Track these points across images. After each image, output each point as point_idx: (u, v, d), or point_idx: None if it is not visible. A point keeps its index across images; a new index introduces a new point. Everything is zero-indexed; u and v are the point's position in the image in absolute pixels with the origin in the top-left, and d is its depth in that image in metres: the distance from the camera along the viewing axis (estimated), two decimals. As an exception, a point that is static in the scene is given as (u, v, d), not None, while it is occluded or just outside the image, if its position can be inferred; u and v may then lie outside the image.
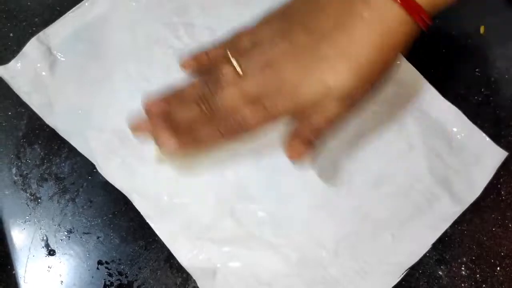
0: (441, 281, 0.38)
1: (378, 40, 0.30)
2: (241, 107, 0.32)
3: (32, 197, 0.39)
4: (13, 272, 0.38)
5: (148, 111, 0.34)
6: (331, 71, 0.31)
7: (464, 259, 0.39)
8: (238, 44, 0.34)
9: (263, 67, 0.32)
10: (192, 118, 0.33)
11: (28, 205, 0.39)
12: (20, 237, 0.38)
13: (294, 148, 0.33)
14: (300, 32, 0.32)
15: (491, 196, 0.40)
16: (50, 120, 0.40)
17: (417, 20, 0.30)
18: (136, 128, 0.35)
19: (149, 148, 0.39)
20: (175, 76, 0.41)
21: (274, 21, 0.34)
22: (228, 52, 0.33)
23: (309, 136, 0.33)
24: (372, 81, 0.32)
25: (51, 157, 0.40)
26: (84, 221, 0.39)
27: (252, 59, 0.32)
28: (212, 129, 0.33)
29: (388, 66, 0.32)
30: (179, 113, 0.34)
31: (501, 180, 0.40)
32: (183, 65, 0.36)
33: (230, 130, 0.33)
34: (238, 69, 0.32)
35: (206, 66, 0.36)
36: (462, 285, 0.38)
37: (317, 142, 0.33)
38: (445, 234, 0.38)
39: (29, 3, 0.44)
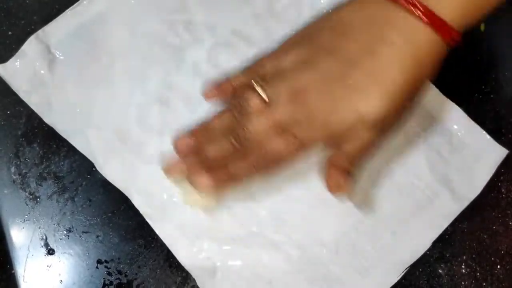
0: (441, 279, 0.38)
1: (408, 63, 0.30)
2: (271, 138, 0.31)
3: (31, 196, 0.39)
4: (12, 271, 0.38)
5: (178, 149, 0.34)
6: (363, 99, 0.30)
7: (465, 257, 0.39)
8: (262, 71, 0.33)
9: (290, 95, 0.31)
10: (223, 153, 0.32)
11: (27, 204, 0.39)
12: (19, 236, 0.38)
13: (333, 180, 0.32)
14: (327, 58, 0.31)
15: (492, 194, 0.40)
16: (49, 118, 0.40)
17: (447, 40, 0.30)
18: (169, 170, 0.34)
19: (149, 146, 0.39)
20: (174, 73, 0.41)
21: (298, 46, 0.33)
22: (253, 80, 0.32)
23: (345, 165, 0.32)
24: (404, 105, 0.31)
25: (50, 156, 0.40)
26: (83, 220, 0.39)
27: (278, 86, 0.31)
28: (245, 163, 0.32)
29: (420, 87, 0.32)
30: (210, 149, 0.33)
31: (502, 178, 0.40)
32: (207, 95, 0.35)
33: (263, 163, 0.32)
34: (265, 97, 0.31)
35: (230, 95, 0.35)
36: (462, 283, 0.38)
37: (354, 170, 0.32)
38: (445, 232, 0.38)
39: (27, 1, 0.44)
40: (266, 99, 0.31)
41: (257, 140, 0.32)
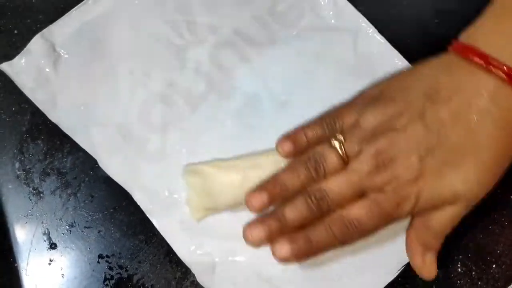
0: (437, 278, 0.38)
1: (503, 132, 0.28)
2: (350, 202, 0.29)
3: (34, 192, 0.40)
4: (15, 265, 0.38)
5: (252, 207, 0.31)
6: (459, 174, 0.28)
7: (460, 256, 0.39)
8: (340, 125, 0.31)
9: (374, 156, 0.29)
10: (300, 215, 0.30)
11: (30, 199, 0.40)
12: (22, 230, 0.39)
13: (427, 266, 0.31)
14: (417, 123, 0.29)
15: (488, 194, 0.40)
16: (53, 116, 0.41)
17: None
18: (252, 232, 0.31)
19: (151, 144, 0.40)
20: (176, 73, 0.42)
21: (381, 102, 0.30)
22: (330, 134, 0.30)
23: (432, 242, 0.30)
24: (499, 175, 0.30)
25: (53, 152, 0.41)
26: (85, 215, 0.39)
27: (360, 145, 0.29)
28: (326, 232, 0.30)
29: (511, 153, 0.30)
30: (290, 213, 0.30)
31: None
32: (281, 149, 0.32)
33: (345, 233, 0.30)
34: (343, 155, 0.29)
35: (304, 149, 0.32)
36: (458, 282, 0.38)
37: (439, 247, 0.31)
38: (442, 231, 0.39)
39: (33, 0, 0.44)
40: (345, 158, 0.29)
41: (335, 202, 0.30)
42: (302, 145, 0.32)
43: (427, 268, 0.31)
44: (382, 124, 0.29)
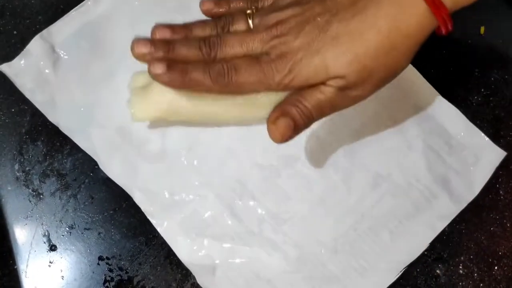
0: (439, 279, 0.38)
1: (391, 28, 0.29)
2: (237, 58, 0.32)
3: (34, 193, 0.40)
4: (15, 267, 0.38)
5: (153, 33, 0.34)
6: (335, 55, 0.30)
7: (462, 258, 0.39)
8: (261, 4, 0.34)
9: (271, 27, 0.31)
10: (189, 56, 0.32)
11: (30, 201, 0.40)
12: (22, 232, 0.39)
13: (278, 128, 0.31)
14: (318, 3, 0.31)
15: (490, 196, 0.40)
16: (53, 117, 0.41)
17: (439, 17, 0.29)
18: (138, 45, 0.33)
19: (151, 145, 0.40)
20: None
21: None
22: (247, 6, 0.34)
23: (296, 117, 0.31)
24: (377, 76, 0.31)
25: (53, 153, 0.41)
26: (85, 217, 0.39)
27: (266, 18, 0.32)
28: (203, 71, 0.31)
29: (398, 62, 0.31)
30: (179, 48, 0.32)
31: (500, 180, 0.40)
32: (202, 3, 0.35)
33: (219, 75, 0.31)
34: (251, 24, 0.32)
35: (223, 13, 0.35)
36: (460, 284, 0.38)
37: (303, 126, 0.32)
38: (443, 233, 0.39)
39: (33, 1, 0.44)
40: (251, 27, 0.32)
41: (224, 55, 0.32)
42: (222, 9, 0.35)
43: (283, 137, 0.31)
44: (288, 3, 0.32)
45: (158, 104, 0.33)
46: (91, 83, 0.41)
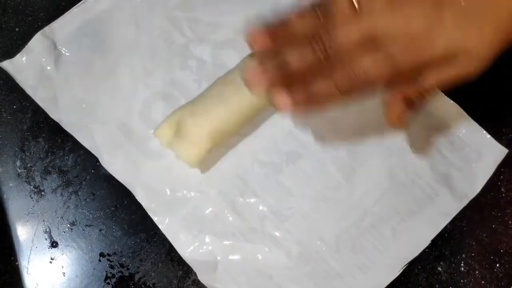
0: (440, 277, 0.38)
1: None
2: (359, 53, 0.27)
3: (35, 190, 0.40)
4: (17, 263, 0.38)
5: (254, 45, 0.29)
6: (476, 30, 0.26)
7: (464, 255, 0.39)
8: None
9: (386, 3, 0.27)
10: (304, 63, 0.28)
11: (31, 198, 0.40)
12: (24, 229, 0.39)
13: (395, 110, 0.29)
14: None
15: (491, 193, 0.40)
16: (55, 114, 0.41)
17: None
18: (250, 83, 0.30)
19: (153, 142, 0.40)
20: (178, 70, 0.42)
21: None
22: None
23: (413, 96, 0.29)
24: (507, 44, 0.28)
25: (55, 150, 0.41)
26: (86, 213, 0.39)
27: None
28: (328, 83, 0.28)
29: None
30: (290, 55, 0.28)
31: (501, 177, 0.40)
32: None
33: (348, 83, 0.28)
34: (355, 1, 0.27)
35: None
36: (461, 281, 0.38)
37: (419, 106, 0.29)
38: (445, 230, 0.39)
39: (34, -2, 0.44)
40: (356, 5, 0.27)
41: (343, 52, 0.28)
42: None
43: (401, 120, 0.30)
44: None
45: (202, 140, 0.36)
46: (93, 80, 0.42)
